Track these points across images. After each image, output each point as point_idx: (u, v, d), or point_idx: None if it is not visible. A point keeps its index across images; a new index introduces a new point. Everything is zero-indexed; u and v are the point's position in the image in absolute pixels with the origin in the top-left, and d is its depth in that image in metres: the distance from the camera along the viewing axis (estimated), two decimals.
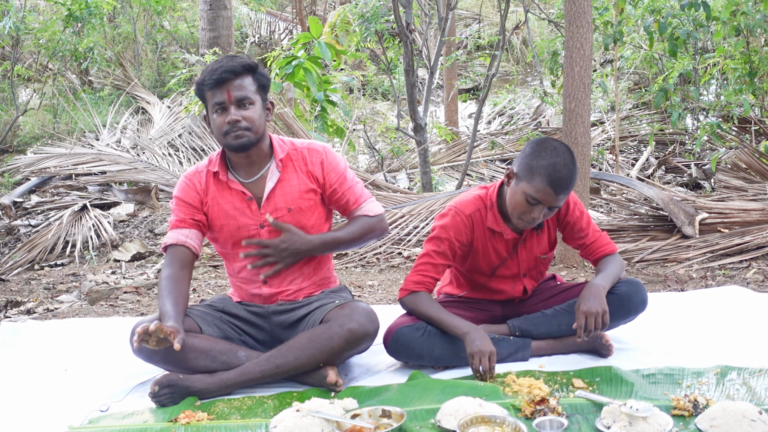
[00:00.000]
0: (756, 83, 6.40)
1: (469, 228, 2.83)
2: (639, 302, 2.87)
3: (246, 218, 2.80)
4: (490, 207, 2.84)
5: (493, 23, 12.56)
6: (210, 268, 4.94)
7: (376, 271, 4.79)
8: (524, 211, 2.69)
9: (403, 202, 5.61)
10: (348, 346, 2.65)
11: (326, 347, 2.64)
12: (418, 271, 2.84)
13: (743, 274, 4.16)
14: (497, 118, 9.99)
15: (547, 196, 2.64)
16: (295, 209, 2.80)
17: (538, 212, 2.68)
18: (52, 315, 4.06)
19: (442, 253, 2.82)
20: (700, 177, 6.80)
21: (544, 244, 2.94)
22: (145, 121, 9.14)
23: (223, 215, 2.81)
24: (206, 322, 2.80)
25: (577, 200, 2.93)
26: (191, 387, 2.62)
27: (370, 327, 2.68)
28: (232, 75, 2.69)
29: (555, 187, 2.62)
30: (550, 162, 2.62)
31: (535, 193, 2.64)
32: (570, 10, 4.37)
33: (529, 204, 2.67)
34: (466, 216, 2.82)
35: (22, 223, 6.36)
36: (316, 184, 2.83)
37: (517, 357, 2.84)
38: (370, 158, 8.34)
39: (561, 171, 2.61)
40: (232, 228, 2.81)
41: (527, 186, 2.65)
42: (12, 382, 2.90)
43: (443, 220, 2.84)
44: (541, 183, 2.62)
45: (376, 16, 6.67)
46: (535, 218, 2.69)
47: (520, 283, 2.96)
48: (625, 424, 2.19)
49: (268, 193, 2.78)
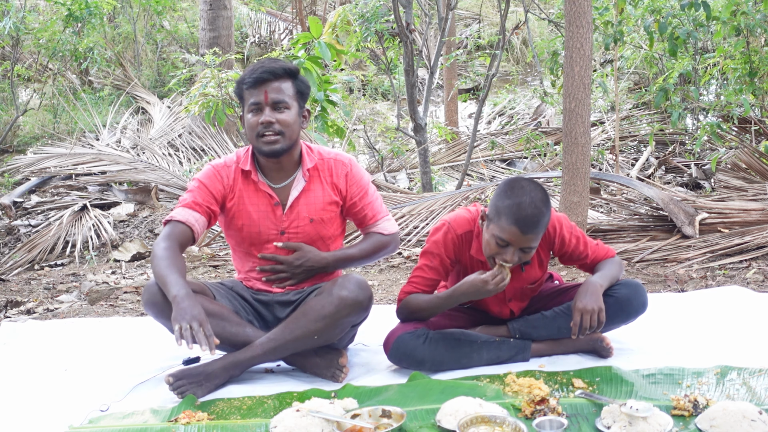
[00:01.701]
0: (756, 83, 6.40)
1: (458, 247, 2.80)
2: (639, 305, 2.86)
3: (269, 222, 2.80)
4: (476, 235, 2.79)
5: (493, 23, 12.56)
6: (210, 268, 4.94)
7: (376, 271, 4.79)
8: (496, 253, 2.63)
9: (403, 202, 5.61)
10: (339, 312, 2.65)
11: (318, 316, 2.65)
12: (411, 283, 2.84)
13: (743, 274, 4.16)
14: (497, 118, 9.99)
15: (513, 237, 2.57)
16: (317, 220, 2.82)
17: (509, 255, 2.60)
18: (52, 315, 4.06)
19: (434, 269, 2.81)
20: (700, 177, 6.79)
21: (533, 274, 2.88)
22: (145, 121, 9.14)
23: (246, 215, 2.81)
24: (219, 293, 2.82)
25: (571, 226, 2.86)
26: (203, 371, 2.65)
27: (360, 294, 2.68)
28: (271, 76, 2.69)
29: (521, 226, 2.55)
30: (516, 201, 2.55)
31: (502, 234, 2.58)
32: (570, 10, 4.37)
33: (499, 246, 2.61)
34: (457, 236, 2.79)
35: (22, 223, 6.36)
36: (338, 196, 2.86)
37: (517, 359, 2.84)
38: (370, 158, 8.34)
39: (526, 210, 2.54)
40: (253, 230, 2.82)
41: (495, 227, 2.60)
42: (12, 382, 2.90)
43: (436, 235, 2.82)
44: (507, 223, 2.56)
45: (376, 16, 6.67)
46: (507, 261, 2.62)
47: (506, 307, 2.93)
48: (625, 424, 2.19)
49: (292, 201, 2.80)
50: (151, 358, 3.05)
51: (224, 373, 2.70)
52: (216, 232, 5.72)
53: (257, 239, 2.82)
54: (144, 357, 3.08)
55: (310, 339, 2.68)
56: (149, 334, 3.38)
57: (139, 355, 3.13)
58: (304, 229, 2.81)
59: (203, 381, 2.66)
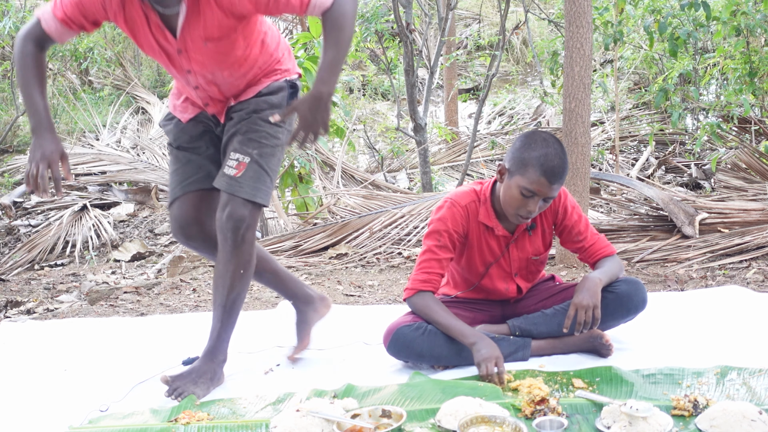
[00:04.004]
0: (756, 83, 6.40)
1: (464, 218, 2.83)
2: (639, 301, 2.87)
3: (166, 44, 2.58)
4: (483, 201, 2.84)
5: (493, 23, 12.56)
6: (210, 268, 4.94)
7: (376, 271, 4.79)
8: (520, 205, 2.69)
9: (403, 202, 5.61)
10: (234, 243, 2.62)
11: (227, 282, 2.66)
12: (422, 269, 2.82)
13: (743, 274, 4.16)
14: (497, 118, 9.99)
15: (541, 187, 2.64)
16: (213, 39, 2.55)
17: (533, 205, 2.68)
18: (52, 315, 4.06)
19: (444, 246, 2.81)
20: (700, 177, 6.80)
21: (537, 245, 2.93)
22: (145, 121, 9.15)
23: (140, 35, 2.58)
24: (183, 165, 2.79)
25: (575, 204, 2.93)
26: (198, 368, 2.68)
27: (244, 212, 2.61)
28: None
29: (549, 176, 2.63)
30: (542, 153, 2.64)
31: (530, 185, 2.64)
32: (570, 10, 4.37)
33: (524, 197, 2.67)
34: (461, 207, 2.82)
35: (22, 223, 6.37)
36: (232, 17, 2.53)
37: (517, 356, 2.84)
38: (370, 158, 8.35)
39: (553, 160, 2.63)
40: (156, 56, 2.64)
41: (521, 179, 2.66)
42: (12, 382, 2.90)
43: (440, 212, 2.84)
44: (535, 174, 2.63)
45: (376, 16, 6.67)
46: (530, 211, 2.69)
47: (513, 283, 2.95)
48: (625, 424, 2.19)
49: (182, 25, 2.53)
50: (151, 358, 3.05)
51: (218, 367, 2.70)
52: None
53: (166, 63, 2.66)
54: (144, 357, 3.08)
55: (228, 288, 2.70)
56: (149, 334, 3.39)
57: (139, 355, 3.12)
58: (201, 51, 2.57)
59: (197, 379, 2.65)
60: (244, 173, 2.63)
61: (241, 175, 2.64)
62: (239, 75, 2.69)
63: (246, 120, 2.70)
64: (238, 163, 2.64)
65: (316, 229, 5.42)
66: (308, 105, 2.43)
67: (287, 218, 5.81)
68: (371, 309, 3.78)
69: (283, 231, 5.65)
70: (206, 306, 4.04)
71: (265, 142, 2.69)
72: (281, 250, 5.23)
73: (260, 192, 2.67)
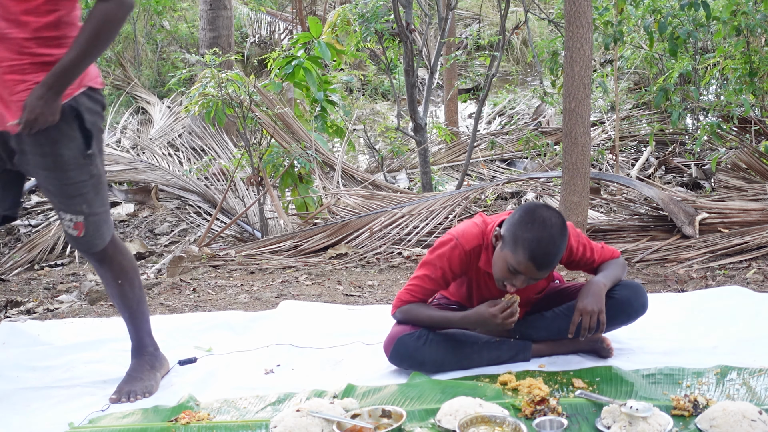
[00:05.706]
0: (756, 83, 6.40)
1: (465, 263, 2.76)
2: (639, 306, 2.85)
3: None
4: (485, 248, 2.75)
5: (493, 23, 12.56)
6: (210, 268, 4.94)
7: (376, 271, 4.78)
8: (506, 277, 2.61)
9: (403, 202, 5.61)
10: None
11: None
12: (408, 290, 2.81)
13: (743, 274, 4.16)
14: (497, 118, 9.99)
15: (528, 270, 2.55)
16: None
17: (519, 281, 2.59)
18: (52, 315, 4.06)
19: (435, 280, 2.77)
20: (700, 177, 6.79)
21: (540, 284, 2.87)
22: (145, 121, 9.14)
23: None
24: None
25: (577, 234, 2.84)
26: (129, 374, 2.80)
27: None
28: None
29: (537, 263, 2.53)
30: (536, 236, 2.51)
31: (517, 266, 2.55)
32: (570, 10, 4.37)
33: (510, 272, 2.59)
34: (465, 252, 2.73)
35: (22, 223, 6.36)
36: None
37: (517, 359, 2.84)
38: (370, 158, 8.35)
39: (546, 247, 2.51)
40: None
41: (510, 256, 2.56)
42: (12, 382, 2.90)
43: (442, 248, 2.75)
44: (523, 257, 2.52)
45: (376, 16, 6.66)
46: (515, 285, 2.61)
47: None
48: (625, 424, 2.19)
49: None
50: None
51: (152, 356, 2.84)
52: (216, 232, 5.73)
53: None
54: None
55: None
56: None
57: None
58: None
59: (139, 375, 2.76)
60: (85, 232, 2.63)
61: (84, 234, 2.64)
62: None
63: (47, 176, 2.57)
64: (74, 224, 2.62)
65: (316, 229, 5.42)
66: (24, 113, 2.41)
67: (287, 218, 5.81)
68: (371, 309, 3.78)
69: (283, 231, 5.65)
70: (206, 306, 4.04)
71: (84, 191, 2.59)
72: (281, 250, 5.22)
73: (106, 233, 2.69)
